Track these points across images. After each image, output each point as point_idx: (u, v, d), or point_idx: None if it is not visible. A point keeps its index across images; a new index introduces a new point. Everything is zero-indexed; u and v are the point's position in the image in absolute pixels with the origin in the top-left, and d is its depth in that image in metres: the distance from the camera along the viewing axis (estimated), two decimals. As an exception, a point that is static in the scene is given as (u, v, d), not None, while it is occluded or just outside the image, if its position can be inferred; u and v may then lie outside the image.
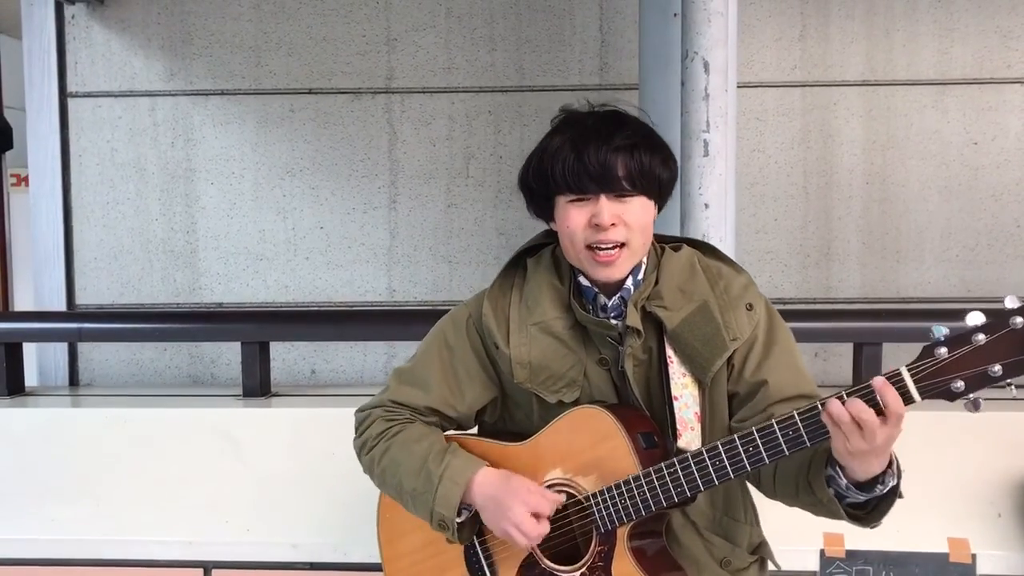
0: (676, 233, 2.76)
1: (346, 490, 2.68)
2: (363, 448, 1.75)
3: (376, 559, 1.85)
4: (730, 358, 1.59)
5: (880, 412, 1.31)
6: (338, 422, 2.95)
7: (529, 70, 3.83)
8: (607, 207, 1.52)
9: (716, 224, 2.67)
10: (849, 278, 3.80)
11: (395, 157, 3.88)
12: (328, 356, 3.93)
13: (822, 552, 2.42)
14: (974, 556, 2.39)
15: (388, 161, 3.88)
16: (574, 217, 1.55)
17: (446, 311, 1.79)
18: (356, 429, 1.80)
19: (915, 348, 1.33)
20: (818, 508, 1.50)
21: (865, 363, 3.12)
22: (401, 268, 3.90)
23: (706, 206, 2.67)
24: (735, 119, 2.80)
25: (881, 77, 3.75)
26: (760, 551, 1.72)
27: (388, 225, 3.90)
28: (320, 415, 3.06)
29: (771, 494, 1.61)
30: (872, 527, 1.48)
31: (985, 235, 3.77)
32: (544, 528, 1.56)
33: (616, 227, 1.53)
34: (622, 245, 1.54)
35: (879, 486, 1.39)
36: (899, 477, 1.41)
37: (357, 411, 1.81)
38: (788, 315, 1.69)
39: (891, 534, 2.55)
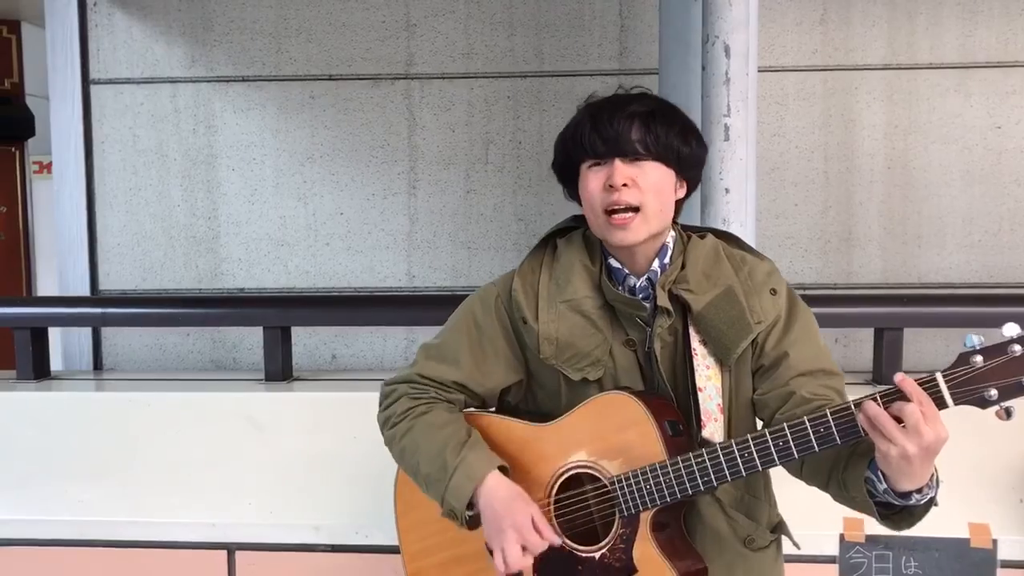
0: (697, 218, 2.76)
1: (367, 473, 2.70)
2: (386, 423, 1.76)
3: (397, 542, 1.86)
4: (754, 339, 1.61)
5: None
6: (359, 406, 2.97)
7: (548, 55, 3.83)
8: (620, 169, 1.55)
9: (737, 209, 2.66)
10: (870, 263, 3.78)
11: (414, 143, 3.89)
12: (348, 341, 3.95)
13: (841, 536, 2.41)
14: (995, 541, 2.37)
15: (407, 147, 3.89)
16: (592, 181, 1.59)
17: (465, 297, 1.80)
18: (380, 403, 1.80)
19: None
20: (847, 502, 1.52)
21: (886, 348, 3.10)
22: (420, 254, 3.91)
23: (727, 191, 2.67)
24: (756, 103, 2.79)
25: (903, 61, 3.72)
26: (779, 530, 1.74)
27: (408, 211, 3.91)
28: (341, 399, 3.08)
29: (797, 475, 1.62)
30: (901, 530, 1.50)
31: (1008, 220, 3.73)
32: (527, 562, 1.58)
33: (629, 188, 1.55)
34: (636, 209, 1.56)
35: (916, 495, 1.40)
36: (937, 488, 1.42)
37: (384, 384, 1.82)
38: (809, 300, 1.69)
39: (911, 519, 2.54)
